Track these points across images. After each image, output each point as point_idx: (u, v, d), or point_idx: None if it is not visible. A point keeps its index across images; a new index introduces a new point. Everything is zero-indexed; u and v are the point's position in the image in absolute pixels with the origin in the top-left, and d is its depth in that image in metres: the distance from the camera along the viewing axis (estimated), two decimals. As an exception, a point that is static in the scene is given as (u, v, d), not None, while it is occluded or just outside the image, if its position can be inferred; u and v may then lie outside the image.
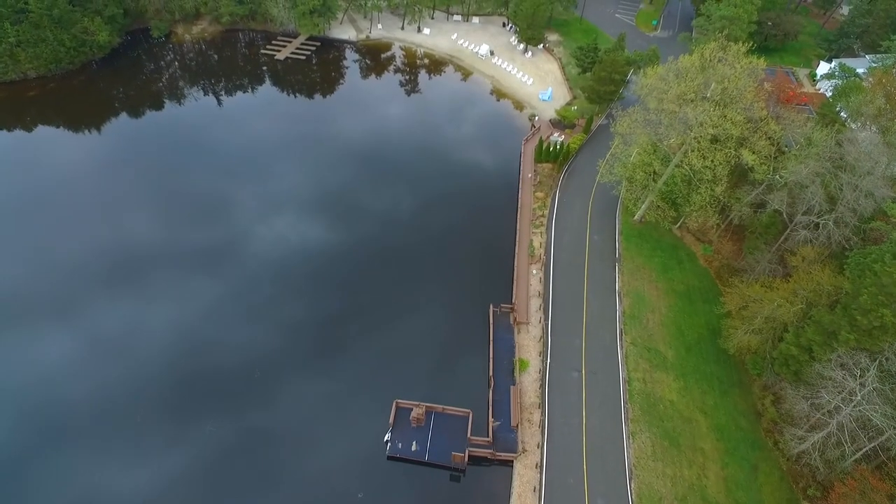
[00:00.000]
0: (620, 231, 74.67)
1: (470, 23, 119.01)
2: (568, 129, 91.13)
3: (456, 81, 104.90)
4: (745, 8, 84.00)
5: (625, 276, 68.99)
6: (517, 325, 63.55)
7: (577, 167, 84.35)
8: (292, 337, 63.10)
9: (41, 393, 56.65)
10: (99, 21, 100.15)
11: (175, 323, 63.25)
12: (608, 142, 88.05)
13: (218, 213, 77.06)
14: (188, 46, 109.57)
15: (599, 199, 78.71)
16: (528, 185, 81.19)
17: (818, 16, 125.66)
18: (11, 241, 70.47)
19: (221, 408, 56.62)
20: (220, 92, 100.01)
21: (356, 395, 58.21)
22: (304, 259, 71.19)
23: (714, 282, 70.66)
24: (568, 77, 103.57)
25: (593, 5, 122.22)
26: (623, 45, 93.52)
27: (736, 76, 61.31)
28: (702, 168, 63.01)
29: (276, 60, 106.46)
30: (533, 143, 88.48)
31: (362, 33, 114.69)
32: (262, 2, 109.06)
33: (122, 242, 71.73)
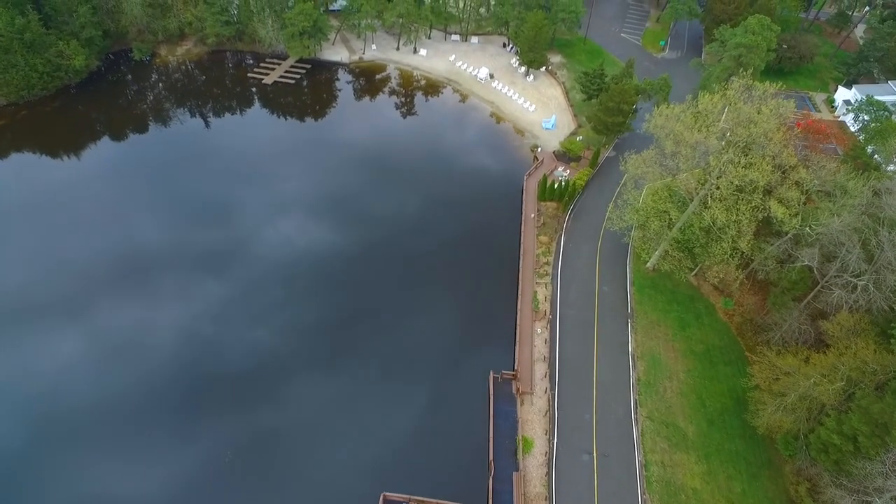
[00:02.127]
0: (632, 281, 67.43)
1: (468, 43, 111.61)
2: (573, 163, 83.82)
3: (453, 107, 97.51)
4: (763, 35, 76.69)
5: (638, 335, 61.75)
6: (520, 395, 56.28)
7: (583, 206, 77.03)
8: (264, 436, 54.02)
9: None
10: (75, 44, 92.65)
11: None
12: (616, 176, 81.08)
13: (192, 252, 69.86)
14: (172, 69, 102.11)
15: (608, 244, 71.48)
16: (530, 226, 73.90)
17: (832, 34, 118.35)
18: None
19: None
20: (203, 119, 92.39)
21: (337, 489, 50.58)
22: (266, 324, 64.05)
23: (736, 339, 63.43)
24: (572, 103, 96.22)
25: (598, 24, 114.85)
26: (631, 72, 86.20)
27: (763, 119, 54.11)
28: (726, 222, 55.81)
29: (263, 85, 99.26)
30: (536, 178, 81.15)
31: (355, 54, 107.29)
32: (250, 23, 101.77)
33: (94, 285, 64.61)
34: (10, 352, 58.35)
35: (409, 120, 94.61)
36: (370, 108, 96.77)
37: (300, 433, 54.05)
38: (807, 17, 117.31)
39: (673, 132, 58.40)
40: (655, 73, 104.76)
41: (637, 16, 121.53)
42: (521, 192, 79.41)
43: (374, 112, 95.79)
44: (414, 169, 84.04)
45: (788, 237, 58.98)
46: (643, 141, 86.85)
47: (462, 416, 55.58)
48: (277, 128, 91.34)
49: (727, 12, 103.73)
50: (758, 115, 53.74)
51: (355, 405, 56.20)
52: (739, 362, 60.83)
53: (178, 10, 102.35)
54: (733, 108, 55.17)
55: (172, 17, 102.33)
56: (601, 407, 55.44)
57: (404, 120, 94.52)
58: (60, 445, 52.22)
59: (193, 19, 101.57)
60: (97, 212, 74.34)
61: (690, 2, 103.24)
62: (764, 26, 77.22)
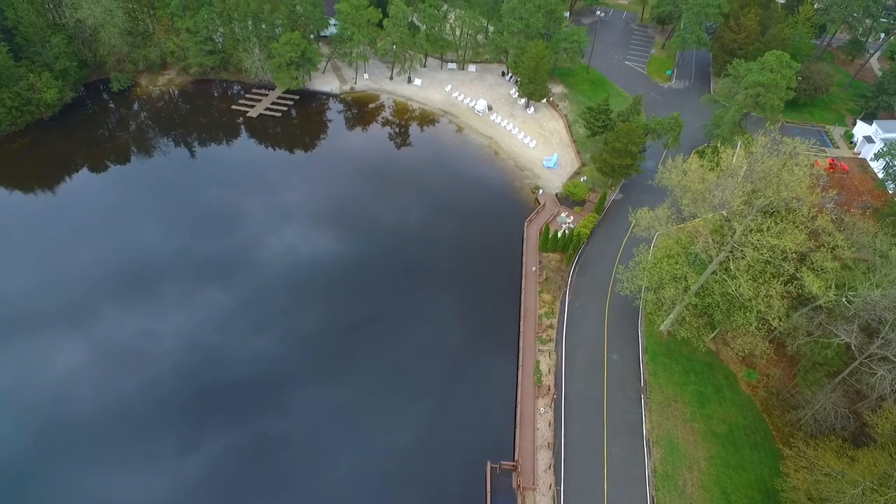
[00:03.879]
0: (644, 348, 60.31)
1: (466, 71, 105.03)
2: (577, 207, 76.90)
3: (449, 143, 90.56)
4: (782, 73, 70.05)
5: (653, 415, 54.54)
6: (521, 490, 48.96)
7: (589, 258, 70.06)
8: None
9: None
10: (47, 76, 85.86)
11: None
12: (624, 223, 74.09)
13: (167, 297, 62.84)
14: (152, 100, 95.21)
15: (617, 303, 64.34)
16: (532, 282, 66.86)
17: (845, 62, 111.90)
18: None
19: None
20: (181, 156, 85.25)
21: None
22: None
23: (761, 417, 56.19)
24: (575, 138, 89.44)
25: (601, 51, 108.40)
26: (639, 109, 79.56)
27: (796, 182, 47.24)
28: (754, 297, 48.79)
29: (249, 118, 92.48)
30: (537, 225, 74.23)
31: (347, 84, 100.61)
32: (234, 52, 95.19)
33: (56, 331, 57.64)
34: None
35: (402, 157, 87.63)
36: (360, 144, 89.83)
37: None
38: (819, 44, 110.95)
39: (691, 191, 51.69)
40: (662, 104, 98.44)
41: (641, 42, 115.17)
42: (522, 240, 72.43)
43: (364, 148, 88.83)
44: (406, 213, 77.00)
45: (821, 308, 52.06)
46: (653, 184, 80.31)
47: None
48: (261, 166, 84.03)
49: (737, 41, 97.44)
50: (789, 177, 46.92)
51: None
52: (766, 445, 53.62)
53: (160, 38, 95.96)
54: (760, 169, 48.30)
55: (153, 45, 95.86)
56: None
57: (397, 157, 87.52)
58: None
59: (176, 48, 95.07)
60: (65, 252, 67.77)
61: (698, 30, 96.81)
62: (783, 63, 70.52)
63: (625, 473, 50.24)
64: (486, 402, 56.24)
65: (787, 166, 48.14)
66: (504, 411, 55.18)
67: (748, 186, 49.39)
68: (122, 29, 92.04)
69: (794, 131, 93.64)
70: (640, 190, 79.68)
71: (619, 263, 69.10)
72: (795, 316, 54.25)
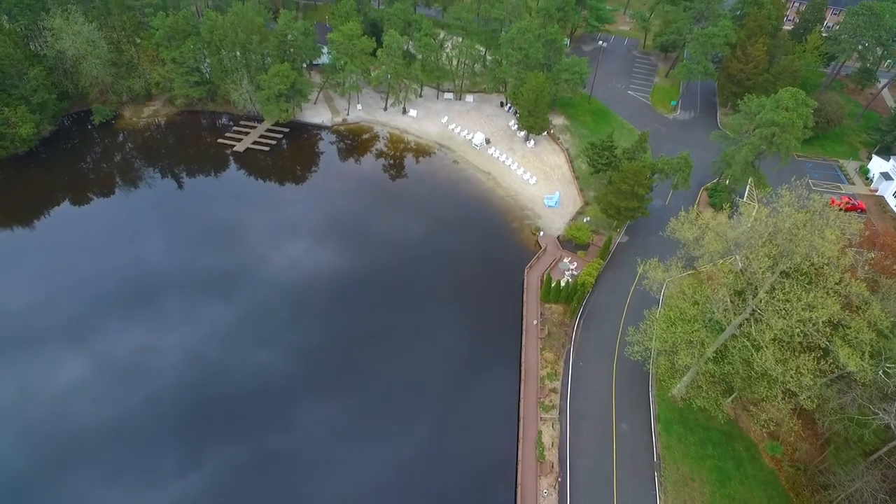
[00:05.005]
0: (657, 415, 54.54)
1: (463, 102, 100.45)
2: (581, 252, 71.66)
3: (445, 179, 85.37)
4: (799, 112, 65.26)
5: (668, 497, 48.53)
6: (522, 592, 43.27)
7: (594, 310, 64.58)
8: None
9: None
10: (23, 110, 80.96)
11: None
12: (631, 269, 68.65)
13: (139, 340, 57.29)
14: (135, 133, 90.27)
15: (626, 362, 58.21)
16: (533, 337, 61.32)
17: (855, 92, 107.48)
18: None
19: None
20: (162, 193, 79.66)
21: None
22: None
23: (788, 497, 50.16)
24: (578, 174, 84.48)
25: (603, 80, 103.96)
26: (645, 146, 74.68)
27: (828, 246, 42.03)
28: (782, 374, 43.32)
29: (236, 152, 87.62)
30: (538, 272, 68.92)
31: (339, 115, 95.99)
32: (222, 84, 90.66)
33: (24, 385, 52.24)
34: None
35: (395, 195, 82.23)
36: (351, 181, 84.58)
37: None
38: (830, 73, 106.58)
39: (708, 252, 46.49)
40: (668, 136, 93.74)
41: (644, 70, 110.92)
42: (522, 289, 67.06)
43: (355, 186, 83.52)
44: (398, 258, 71.32)
45: (855, 381, 46.51)
46: (660, 224, 75.17)
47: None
48: (245, 206, 78.42)
49: (744, 71, 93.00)
50: (821, 242, 41.69)
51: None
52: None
53: (144, 69, 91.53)
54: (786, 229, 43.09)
55: (138, 76, 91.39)
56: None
57: (389, 196, 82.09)
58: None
59: (161, 79, 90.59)
60: (38, 294, 62.69)
61: (704, 61, 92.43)
62: (798, 101, 65.71)
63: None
64: (485, 481, 50.35)
65: (817, 227, 42.98)
66: (504, 493, 49.30)
67: (773, 250, 44.14)
68: (106, 60, 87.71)
69: (806, 166, 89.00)
70: (646, 231, 74.49)
71: (626, 316, 63.74)
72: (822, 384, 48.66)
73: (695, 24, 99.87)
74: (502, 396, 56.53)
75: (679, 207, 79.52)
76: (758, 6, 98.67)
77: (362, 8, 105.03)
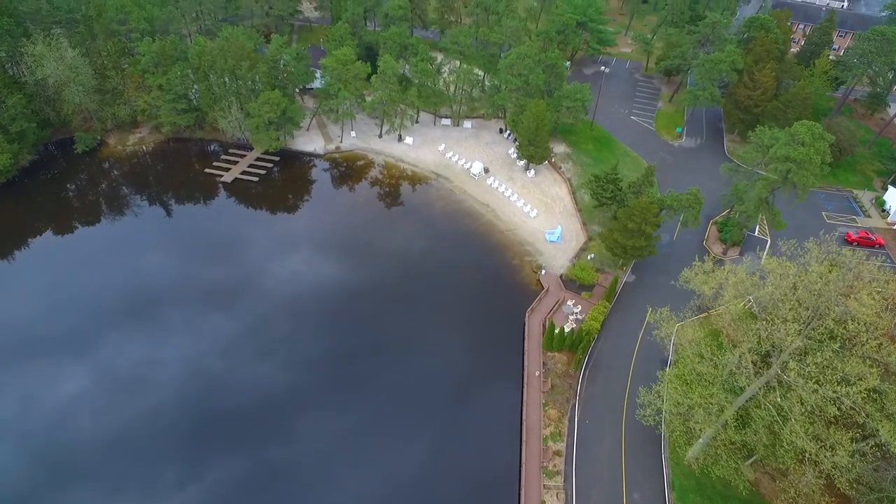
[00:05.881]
0: (671, 483, 49.63)
1: (461, 128, 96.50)
2: (585, 293, 67.19)
3: (441, 212, 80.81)
4: (816, 147, 61.18)
5: (686, 581, 43.93)
6: None
7: (601, 360, 59.90)
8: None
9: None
10: (0, 140, 77.48)
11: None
12: (639, 312, 64.46)
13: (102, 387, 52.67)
14: (119, 162, 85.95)
15: (636, 421, 53.69)
16: (535, 391, 56.57)
17: (865, 116, 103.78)
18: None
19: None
20: (143, 227, 75.14)
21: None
22: None
23: (817, 579, 45.50)
24: (580, 207, 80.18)
25: (605, 105, 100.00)
26: (652, 180, 70.54)
27: (866, 311, 37.58)
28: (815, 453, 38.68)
29: (223, 183, 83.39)
30: (540, 315, 64.32)
31: (332, 143, 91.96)
32: (210, 111, 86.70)
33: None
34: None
35: (389, 229, 77.66)
36: (343, 214, 79.83)
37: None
38: (840, 98, 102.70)
39: (729, 312, 42.11)
40: (673, 165, 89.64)
41: (647, 94, 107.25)
42: (523, 334, 62.48)
43: (347, 219, 78.85)
44: (389, 297, 66.77)
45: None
46: (669, 261, 70.92)
47: None
48: (231, 242, 73.86)
49: (752, 98, 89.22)
50: (857, 306, 37.27)
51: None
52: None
53: (130, 95, 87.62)
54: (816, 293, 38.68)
55: (123, 103, 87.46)
56: None
57: (383, 229, 77.45)
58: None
59: (147, 106, 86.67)
60: (10, 331, 58.40)
61: (711, 87, 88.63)
62: (815, 136, 61.63)
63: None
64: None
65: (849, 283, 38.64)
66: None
67: (803, 313, 39.66)
68: (89, 86, 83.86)
69: (819, 196, 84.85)
70: (654, 270, 70.10)
71: (635, 366, 59.08)
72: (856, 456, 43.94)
73: (699, 48, 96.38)
74: (502, 460, 51.67)
75: (688, 242, 75.91)
76: (765, 30, 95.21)
77: (357, 31, 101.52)
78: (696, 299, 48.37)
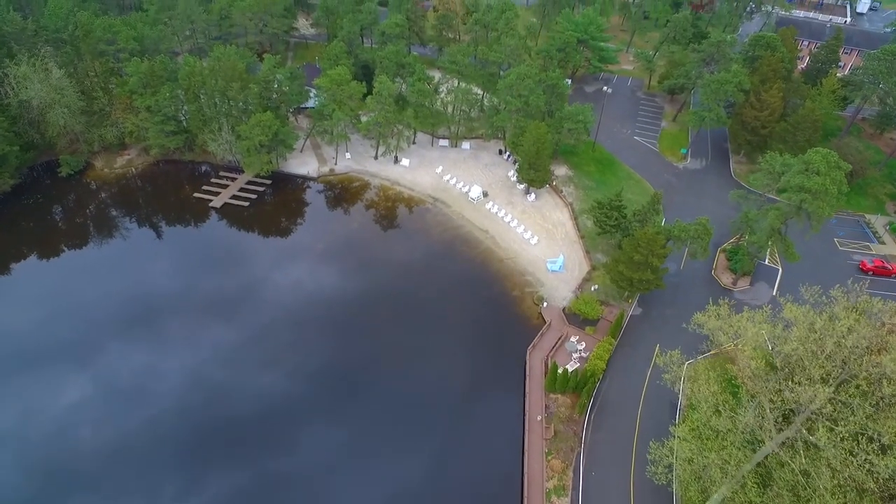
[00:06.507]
0: (684, 544, 46.10)
1: (459, 149, 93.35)
2: (589, 328, 63.57)
3: (438, 239, 77.02)
4: (831, 176, 57.88)
5: None
6: None
7: (607, 402, 56.07)
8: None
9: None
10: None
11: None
12: (646, 349, 60.83)
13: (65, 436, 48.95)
14: (105, 185, 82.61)
15: (644, 471, 50.31)
16: (537, 438, 52.72)
17: (874, 136, 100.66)
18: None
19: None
20: (128, 256, 71.66)
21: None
22: None
23: None
24: (583, 233, 76.73)
25: (607, 124, 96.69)
26: (658, 208, 67.24)
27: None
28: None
29: (212, 208, 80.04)
30: (542, 353, 60.61)
31: (326, 165, 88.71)
32: (200, 133, 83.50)
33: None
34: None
35: (384, 258, 73.68)
36: (336, 242, 76.14)
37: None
38: (849, 118, 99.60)
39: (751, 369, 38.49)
40: (678, 188, 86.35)
41: (650, 113, 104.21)
42: (524, 374, 58.81)
43: (340, 247, 75.18)
44: (383, 332, 63.18)
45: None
46: (676, 292, 67.43)
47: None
48: (217, 272, 70.28)
49: (759, 119, 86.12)
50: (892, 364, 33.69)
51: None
52: None
53: (117, 117, 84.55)
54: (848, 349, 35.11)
55: (110, 125, 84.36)
56: None
57: (377, 258, 73.60)
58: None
59: (135, 128, 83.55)
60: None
61: (717, 108, 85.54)
62: (831, 164, 58.37)
63: None
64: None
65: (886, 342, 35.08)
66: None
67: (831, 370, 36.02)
68: (75, 108, 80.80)
69: (830, 222, 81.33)
70: (662, 302, 66.53)
71: (643, 410, 55.32)
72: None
73: (704, 66, 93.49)
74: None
75: (696, 272, 72.23)
76: (771, 49, 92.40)
77: (353, 49, 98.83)
78: (707, 343, 44.90)
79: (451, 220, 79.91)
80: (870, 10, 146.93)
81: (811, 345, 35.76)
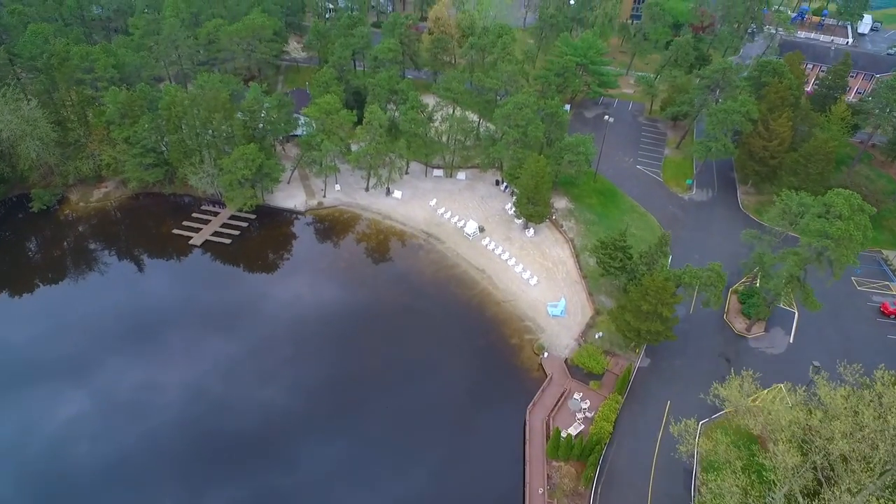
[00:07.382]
0: None
1: (454, 179, 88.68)
2: (594, 382, 58.41)
3: (431, 279, 71.74)
4: (855, 220, 53.25)
5: None
6: None
7: (615, 470, 50.70)
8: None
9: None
10: (-56, 202, 69.58)
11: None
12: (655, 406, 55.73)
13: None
14: (79, 221, 77.42)
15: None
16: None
17: (885, 164, 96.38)
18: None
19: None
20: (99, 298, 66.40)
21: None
22: None
23: None
24: (585, 273, 71.85)
25: (608, 151, 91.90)
26: (666, 250, 62.51)
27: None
28: None
29: (191, 246, 75.03)
30: (543, 412, 55.25)
31: (314, 198, 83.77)
32: (181, 166, 78.71)
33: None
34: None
35: (373, 302, 68.20)
36: (322, 284, 70.79)
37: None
38: (860, 146, 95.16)
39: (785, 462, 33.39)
40: (684, 221, 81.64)
41: (652, 140, 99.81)
42: (524, 437, 53.51)
43: (325, 291, 69.72)
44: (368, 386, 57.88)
45: None
46: (687, 341, 62.33)
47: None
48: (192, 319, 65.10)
49: (768, 149, 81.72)
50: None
51: None
52: None
53: (93, 149, 79.79)
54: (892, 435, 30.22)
55: (86, 157, 79.61)
56: None
57: (365, 303, 68.16)
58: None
59: (112, 161, 78.79)
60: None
61: (723, 138, 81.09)
62: (854, 208, 53.75)
63: None
64: None
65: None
66: None
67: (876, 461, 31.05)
68: (48, 140, 76.09)
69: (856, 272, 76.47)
70: (671, 352, 61.40)
71: (655, 478, 50.04)
72: None
73: (709, 93, 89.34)
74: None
75: (707, 316, 66.82)
76: (778, 76, 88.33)
77: (344, 75, 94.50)
78: (723, 404, 39.83)
79: (446, 258, 74.85)
80: (871, 30, 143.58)
81: (860, 444, 30.74)
